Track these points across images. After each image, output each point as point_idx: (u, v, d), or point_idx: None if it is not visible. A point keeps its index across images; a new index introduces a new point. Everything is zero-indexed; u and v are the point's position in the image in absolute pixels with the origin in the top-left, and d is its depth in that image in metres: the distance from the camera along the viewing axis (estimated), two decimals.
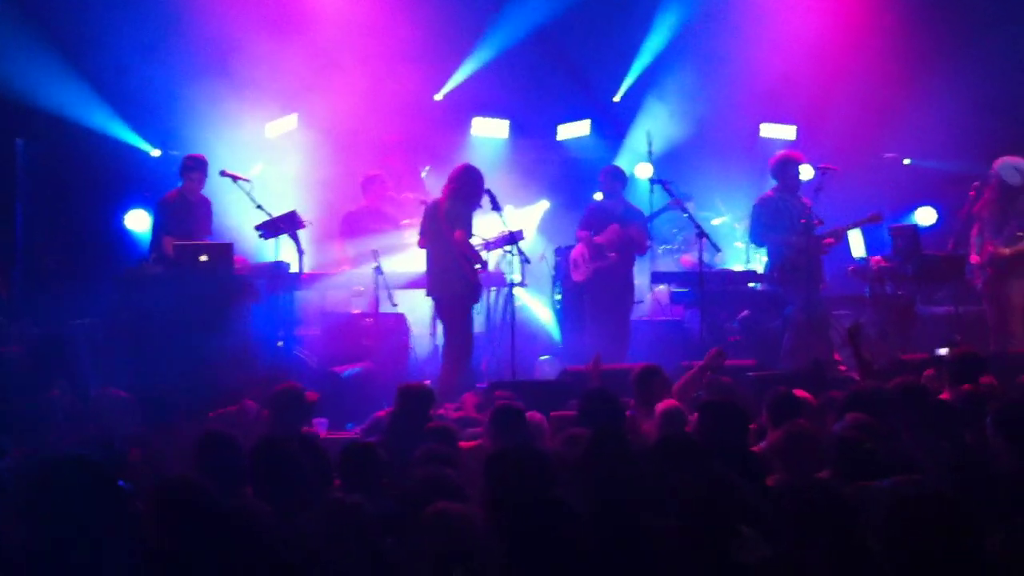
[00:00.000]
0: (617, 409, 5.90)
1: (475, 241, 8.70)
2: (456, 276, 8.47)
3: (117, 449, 4.95)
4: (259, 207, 9.13)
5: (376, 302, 9.48)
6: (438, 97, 12.39)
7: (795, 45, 12.24)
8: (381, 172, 11.06)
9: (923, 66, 12.06)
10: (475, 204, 8.56)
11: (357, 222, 10.68)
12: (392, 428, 5.99)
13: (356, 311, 10.01)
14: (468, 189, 8.53)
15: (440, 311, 8.84)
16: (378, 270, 9.40)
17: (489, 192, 8.67)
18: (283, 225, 8.89)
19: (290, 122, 11.90)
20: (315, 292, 10.20)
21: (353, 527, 4.08)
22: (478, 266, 8.52)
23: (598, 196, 10.56)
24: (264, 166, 11.40)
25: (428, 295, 8.86)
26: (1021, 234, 9.12)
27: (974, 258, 9.39)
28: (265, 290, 8.91)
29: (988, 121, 11.60)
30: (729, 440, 5.13)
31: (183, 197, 9.43)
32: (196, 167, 9.42)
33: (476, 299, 8.78)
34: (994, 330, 9.20)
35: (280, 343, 8.98)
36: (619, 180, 9.95)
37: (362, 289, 9.92)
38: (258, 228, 9.06)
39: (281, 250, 8.97)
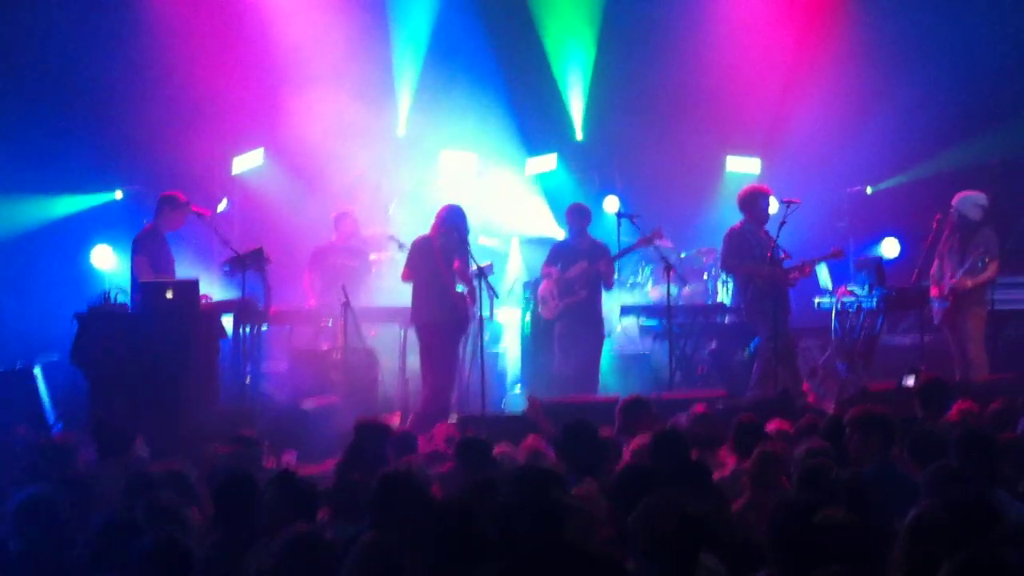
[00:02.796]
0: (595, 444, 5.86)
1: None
2: (445, 307, 8.94)
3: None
4: (225, 243, 9.08)
5: (344, 336, 9.44)
6: (400, 133, 12.44)
7: (759, 77, 12.41)
8: (351, 209, 11.08)
9: (883, 92, 12.26)
10: (461, 241, 8.98)
11: (325, 257, 10.66)
12: (346, 463, 5.94)
13: (325, 346, 9.96)
14: (454, 226, 8.99)
15: (427, 340, 9.01)
16: (346, 304, 9.36)
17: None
18: (249, 261, 8.84)
19: (256, 157, 11.88)
20: (282, 327, 10.14)
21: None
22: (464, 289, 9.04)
23: (561, 235, 10.64)
24: (230, 201, 11.36)
25: (412, 324, 9.16)
26: (982, 263, 9.25)
27: (934, 291, 9.52)
28: (232, 326, 8.84)
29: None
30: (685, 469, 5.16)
31: (157, 232, 9.34)
32: (172, 205, 9.30)
33: (464, 330, 9.16)
34: (957, 359, 9.30)
35: (247, 379, 8.90)
36: (585, 217, 10.01)
37: (330, 324, 9.87)
38: (224, 264, 9.01)
39: (248, 285, 8.91)
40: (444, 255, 8.97)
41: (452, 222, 9.05)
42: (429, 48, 12.27)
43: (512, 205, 12.46)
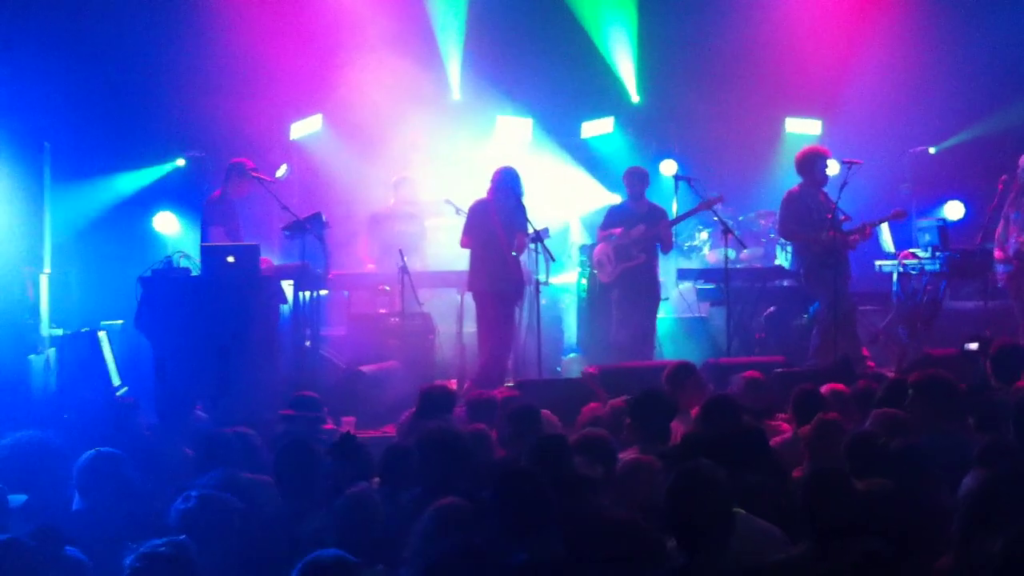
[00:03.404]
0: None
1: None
2: (502, 274, 8.89)
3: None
4: (285, 208, 9.17)
5: (402, 301, 9.51)
6: (455, 97, 12.43)
7: (818, 37, 12.19)
8: (409, 174, 11.13)
9: (944, 49, 11.99)
10: (518, 205, 8.91)
11: (383, 222, 10.73)
12: (412, 430, 6.01)
13: (382, 311, 10.04)
14: (509, 187, 8.96)
15: (483, 307, 9.02)
16: (403, 269, 9.42)
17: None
18: (309, 226, 8.93)
19: (314, 123, 11.97)
20: (341, 292, 10.24)
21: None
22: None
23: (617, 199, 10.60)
24: (289, 167, 11.46)
25: (469, 291, 9.11)
26: None
27: (998, 254, 9.31)
28: (292, 291, 8.95)
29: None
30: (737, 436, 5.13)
31: (227, 199, 9.51)
32: (240, 172, 9.47)
33: (521, 297, 9.15)
34: (1022, 325, 9.12)
35: (307, 343, 9.02)
36: (643, 181, 9.93)
37: (388, 289, 9.94)
38: (284, 229, 9.11)
39: (307, 250, 9.00)
40: (501, 219, 8.93)
41: (508, 184, 9.00)
42: (474, 11, 12.15)
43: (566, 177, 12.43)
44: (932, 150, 12.34)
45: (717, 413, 5.50)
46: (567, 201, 12.20)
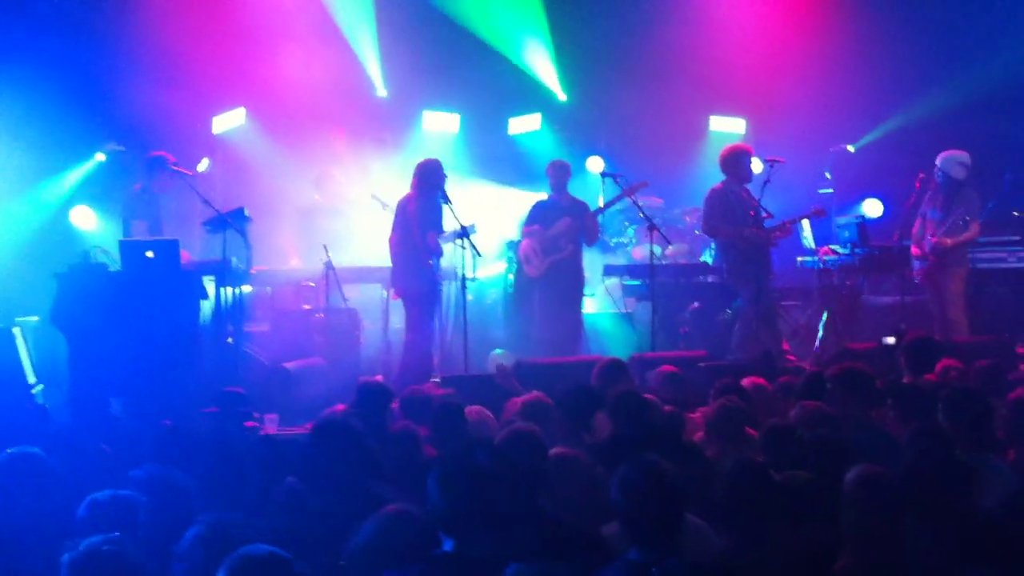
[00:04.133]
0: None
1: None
2: (423, 274, 8.82)
3: None
4: (206, 203, 9.02)
5: (327, 297, 9.41)
6: (380, 93, 12.32)
7: (742, 37, 12.35)
8: (333, 168, 11.03)
9: (862, 51, 12.23)
10: (438, 196, 8.81)
11: (308, 217, 10.62)
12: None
13: (306, 307, 9.93)
14: (431, 182, 8.81)
15: (407, 307, 8.97)
16: (328, 265, 9.33)
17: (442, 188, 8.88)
18: (231, 220, 8.78)
19: (237, 116, 11.78)
20: (264, 288, 10.11)
21: None
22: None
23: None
24: (211, 160, 11.27)
25: (393, 289, 9.09)
26: (964, 223, 9.26)
27: (915, 251, 9.54)
28: (213, 287, 8.80)
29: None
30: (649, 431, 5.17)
31: (148, 193, 9.32)
32: (161, 166, 9.29)
33: (436, 297, 9.07)
34: (938, 319, 9.35)
35: (229, 339, 8.88)
36: (565, 173, 9.96)
37: (312, 285, 9.84)
38: (206, 224, 8.96)
39: (229, 246, 8.86)
40: (419, 218, 8.85)
41: (426, 178, 8.90)
42: (387, 9, 12.03)
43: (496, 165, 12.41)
44: (851, 148, 12.57)
45: (625, 409, 5.52)
46: (497, 196, 12.17)
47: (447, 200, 8.82)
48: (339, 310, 9.49)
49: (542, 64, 12.81)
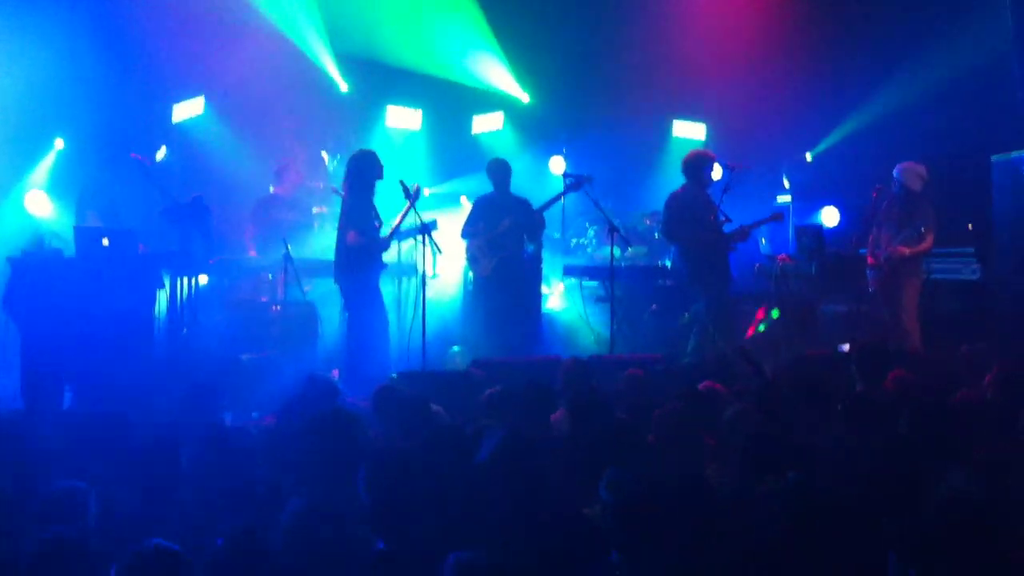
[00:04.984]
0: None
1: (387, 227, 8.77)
2: (350, 271, 8.66)
3: None
4: (164, 192, 8.91)
5: (285, 290, 9.34)
6: (342, 89, 12.24)
7: (705, 42, 12.42)
8: (293, 160, 10.94)
9: (829, 60, 12.36)
10: (370, 191, 8.63)
11: (267, 209, 10.53)
12: (287, 413, 5.90)
13: (263, 299, 9.85)
14: (362, 177, 8.63)
15: (344, 300, 8.89)
16: (287, 257, 9.25)
17: (401, 182, 8.78)
18: (188, 210, 8.69)
19: (197, 105, 11.66)
20: (221, 279, 10.01)
21: None
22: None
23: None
24: (169, 149, 11.15)
25: (335, 282, 8.94)
26: (919, 234, 9.38)
27: (870, 260, 9.65)
28: (169, 276, 8.70)
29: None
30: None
31: (105, 179, 9.22)
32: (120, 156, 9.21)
33: (364, 295, 8.76)
34: (891, 328, 9.46)
35: (184, 330, 8.78)
36: (507, 172, 9.95)
37: (270, 277, 9.76)
38: (163, 213, 8.85)
39: (186, 235, 8.75)
40: (345, 218, 8.66)
41: (359, 174, 8.64)
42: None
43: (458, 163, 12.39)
44: (809, 156, 12.70)
45: (587, 411, 5.55)
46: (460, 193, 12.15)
47: (410, 196, 8.73)
48: (297, 303, 9.41)
49: (500, 72, 12.78)
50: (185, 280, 8.78)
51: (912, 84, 11.80)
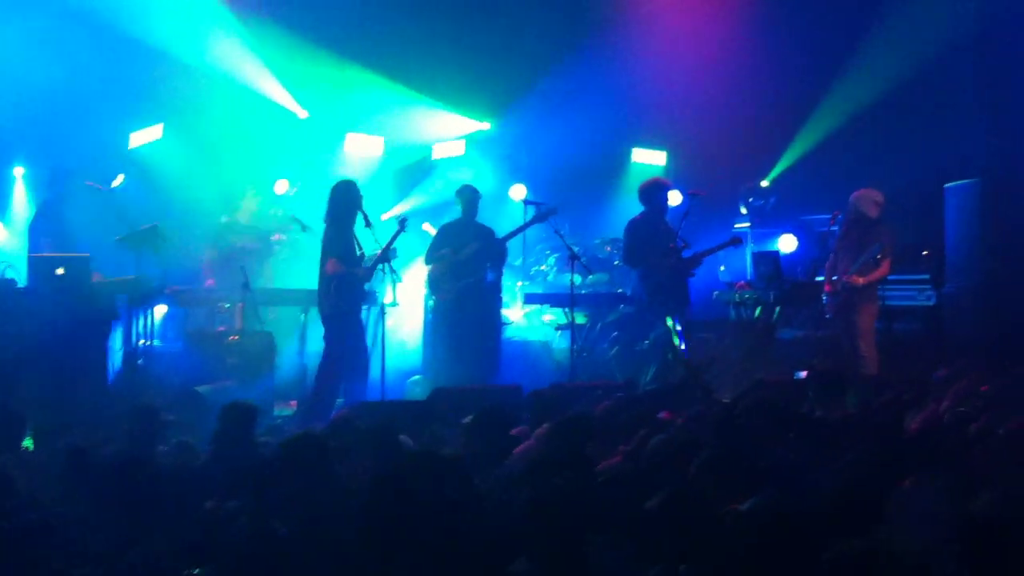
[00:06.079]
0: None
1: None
2: (327, 298, 8.54)
3: None
4: (121, 219, 8.84)
5: (243, 319, 9.26)
6: (302, 116, 12.20)
7: (665, 70, 12.52)
8: (252, 188, 10.90)
9: (788, 92, 12.51)
10: (350, 221, 8.56)
11: (225, 236, 10.47)
12: (214, 446, 5.85)
13: (221, 328, 9.75)
14: (343, 207, 8.56)
15: (324, 329, 8.79)
16: (245, 286, 9.18)
17: (361, 210, 8.69)
18: (145, 238, 8.61)
19: (155, 132, 11.57)
20: (178, 307, 9.92)
21: None
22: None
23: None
24: (127, 176, 11.04)
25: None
26: (875, 261, 9.47)
27: (827, 286, 9.73)
28: (125, 304, 8.60)
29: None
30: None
31: (57, 209, 9.10)
32: (73, 181, 9.09)
33: (346, 322, 8.65)
34: (848, 354, 9.53)
35: (140, 360, 8.67)
36: (476, 199, 9.98)
37: (228, 306, 9.68)
38: (119, 241, 8.77)
39: (143, 263, 8.68)
40: (325, 248, 8.59)
41: (337, 204, 8.57)
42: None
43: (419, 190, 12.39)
44: (765, 183, 12.83)
45: (564, 436, 5.55)
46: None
47: (371, 225, 8.69)
48: (254, 333, 9.33)
49: (461, 99, 12.79)
50: (141, 309, 8.69)
51: (863, 109, 11.99)
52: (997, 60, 11.01)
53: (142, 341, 8.77)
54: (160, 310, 9.41)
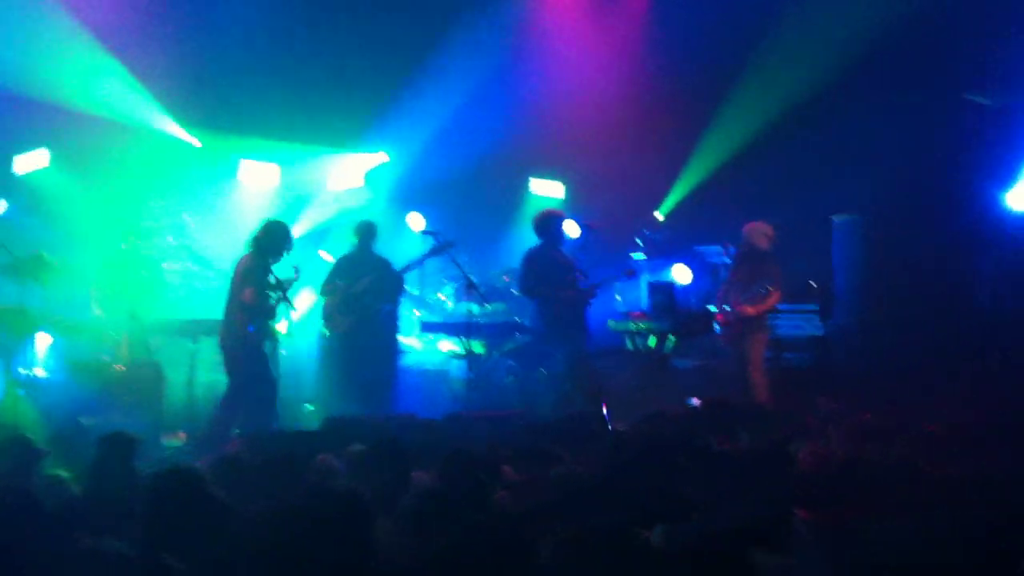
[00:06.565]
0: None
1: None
2: (238, 330, 8.49)
3: None
4: (2, 247, 8.54)
5: (129, 349, 9.01)
6: (196, 145, 11.95)
7: (564, 101, 12.66)
8: (143, 216, 10.66)
9: (678, 125, 12.77)
10: (275, 259, 8.58)
11: (114, 265, 10.20)
12: (92, 477, 5.67)
13: (105, 358, 9.47)
14: (275, 245, 8.58)
15: (225, 361, 8.68)
16: (133, 315, 8.94)
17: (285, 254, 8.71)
18: (28, 267, 8.34)
19: (41, 157, 11.22)
20: (63, 337, 9.60)
21: None
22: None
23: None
24: (9, 203, 10.70)
25: (219, 344, 8.72)
26: (765, 292, 9.67)
27: (719, 316, 9.91)
28: (5, 333, 8.30)
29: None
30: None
31: None
32: None
33: (251, 355, 8.57)
34: (740, 382, 9.69)
35: (21, 392, 8.36)
36: (372, 233, 9.94)
37: (114, 335, 9.41)
38: (2, 270, 8.47)
39: (26, 293, 8.39)
40: (243, 278, 8.51)
41: (268, 243, 8.55)
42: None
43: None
44: (660, 216, 13.04)
45: (456, 468, 5.51)
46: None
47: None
48: (142, 363, 9.08)
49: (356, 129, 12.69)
50: (23, 338, 8.40)
51: (754, 138, 12.32)
52: (874, 93, 11.40)
53: (23, 371, 8.45)
54: (43, 339, 9.08)
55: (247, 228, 8.94)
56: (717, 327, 9.92)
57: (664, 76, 12.73)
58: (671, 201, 13.11)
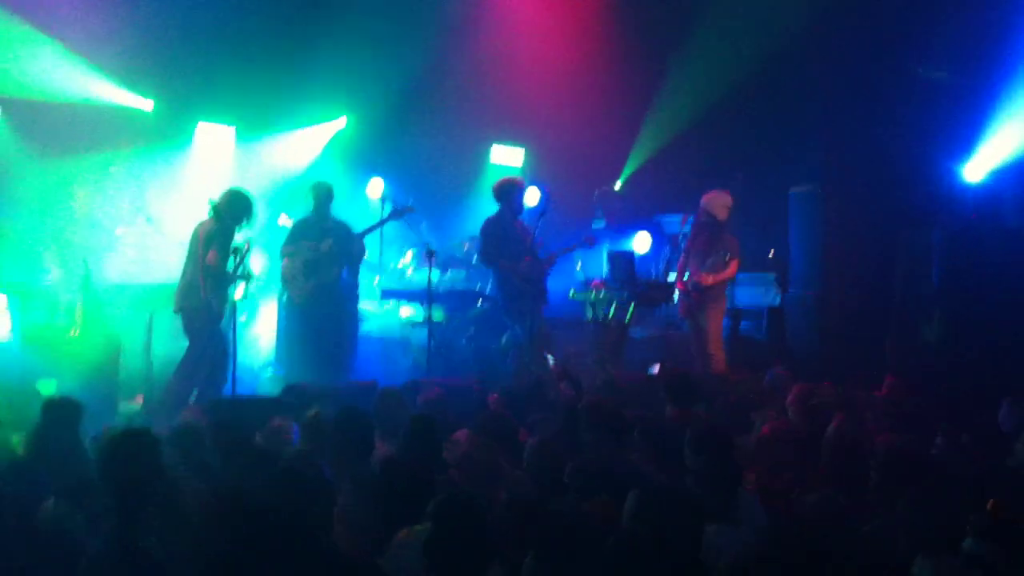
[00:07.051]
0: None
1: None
2: (200, 292, 8.49)
3: None
4: None
5: (83, 315, 8.89)
6: (147, 109, 11.70)
7: (524, 67, 12.58)
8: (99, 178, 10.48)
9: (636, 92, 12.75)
10: (237, 225, 8.59)
11: (68, 229, 10.04)
12: (37, 443, 5.62)
13: (60, 323, 9.34)
14: (238, 212, 8.59)
15: (184, 323, 8.67)
16: (88, 280, 8.82)
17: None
18: None
19: None
20: (15, 301, 9.44)
21: None
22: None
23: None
24: None
25: (175, 309, 8.70)
26: (724, 262, 9.73)
27: (679, 285, 9.96)
28: None
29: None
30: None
31: None
32: None
33: (211, 319, 8.58)
34: (698, 353, 9.77)
35: None
36: (329, 196, 9.84)
37: (69, 299, 9.28)
38: None
39: None
40: (207, 242, 8.50)
41: (231, 211, 8.57)
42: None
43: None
44: (617, 186, 13.05)
45: (421, 434, 5.54)
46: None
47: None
48: (97, 328, 8.97)
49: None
50: None
51: (711, 106, 12.34)
52: (832, 66, 11.44)
53: None
54: None
55: (204, 193, 8.85)
56: (676, 297, 9.98)
57: (623, 43, 12.69)
58: (630, 169, 13.13)
